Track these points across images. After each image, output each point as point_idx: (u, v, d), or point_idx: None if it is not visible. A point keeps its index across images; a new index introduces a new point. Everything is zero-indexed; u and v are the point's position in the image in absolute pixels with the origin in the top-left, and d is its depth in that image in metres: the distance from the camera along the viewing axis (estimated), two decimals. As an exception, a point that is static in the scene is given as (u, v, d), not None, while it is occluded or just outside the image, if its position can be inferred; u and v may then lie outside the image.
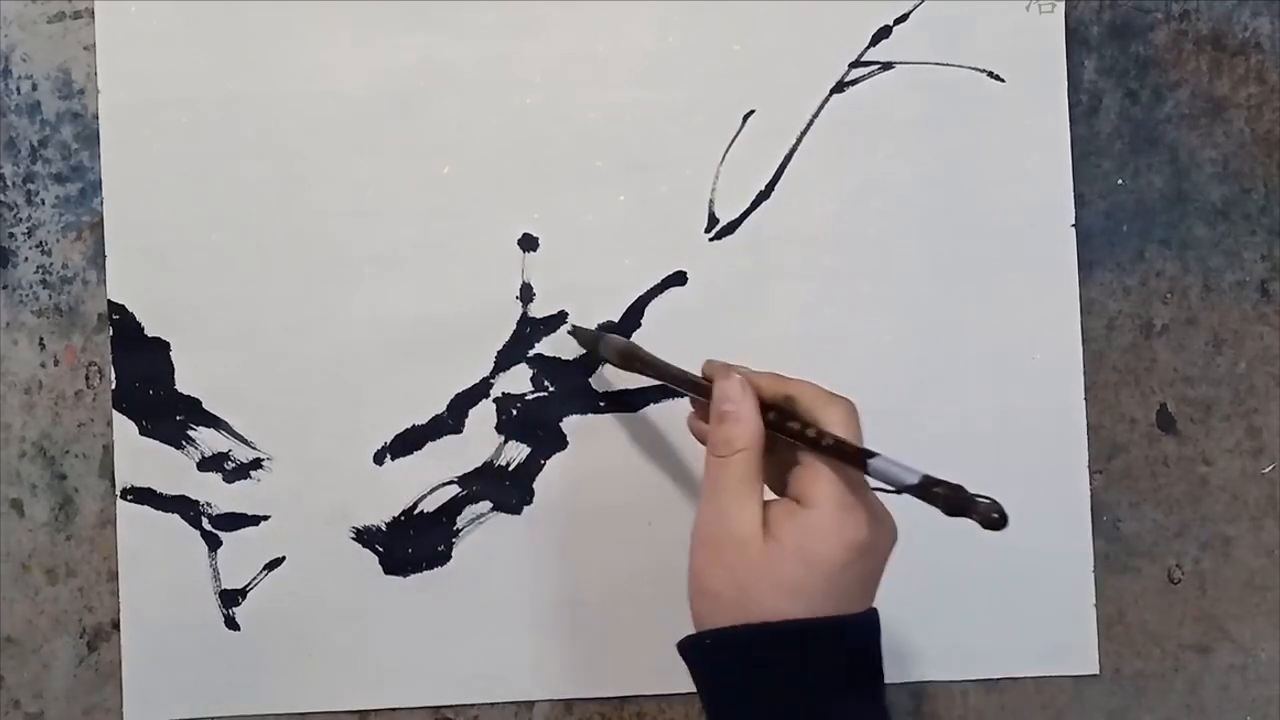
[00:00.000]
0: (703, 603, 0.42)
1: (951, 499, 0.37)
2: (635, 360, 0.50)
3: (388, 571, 0.55)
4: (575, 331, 0.55)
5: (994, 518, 0.36)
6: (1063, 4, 0.56)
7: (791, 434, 0.42)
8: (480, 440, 0.55)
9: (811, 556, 0.40)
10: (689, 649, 0.42)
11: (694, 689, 0.55)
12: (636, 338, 0.55)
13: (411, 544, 0.55)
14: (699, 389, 0.47)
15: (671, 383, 0.49)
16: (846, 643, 0.41)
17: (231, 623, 0.55)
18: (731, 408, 0.43)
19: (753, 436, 0.42)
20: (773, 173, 0.56)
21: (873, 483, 0.41)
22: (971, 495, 0.37)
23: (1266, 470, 0.56)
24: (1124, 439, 0.56)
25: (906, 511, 0.56)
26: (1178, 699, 0.56)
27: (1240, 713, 0.56)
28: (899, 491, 0.39)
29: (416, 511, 0.55)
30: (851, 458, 0.40)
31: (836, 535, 0.40)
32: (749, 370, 0.45)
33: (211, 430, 0.55)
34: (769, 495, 0.43)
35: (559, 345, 0.56)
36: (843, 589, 0.40)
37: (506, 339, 0.56)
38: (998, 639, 0.56)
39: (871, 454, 0.40)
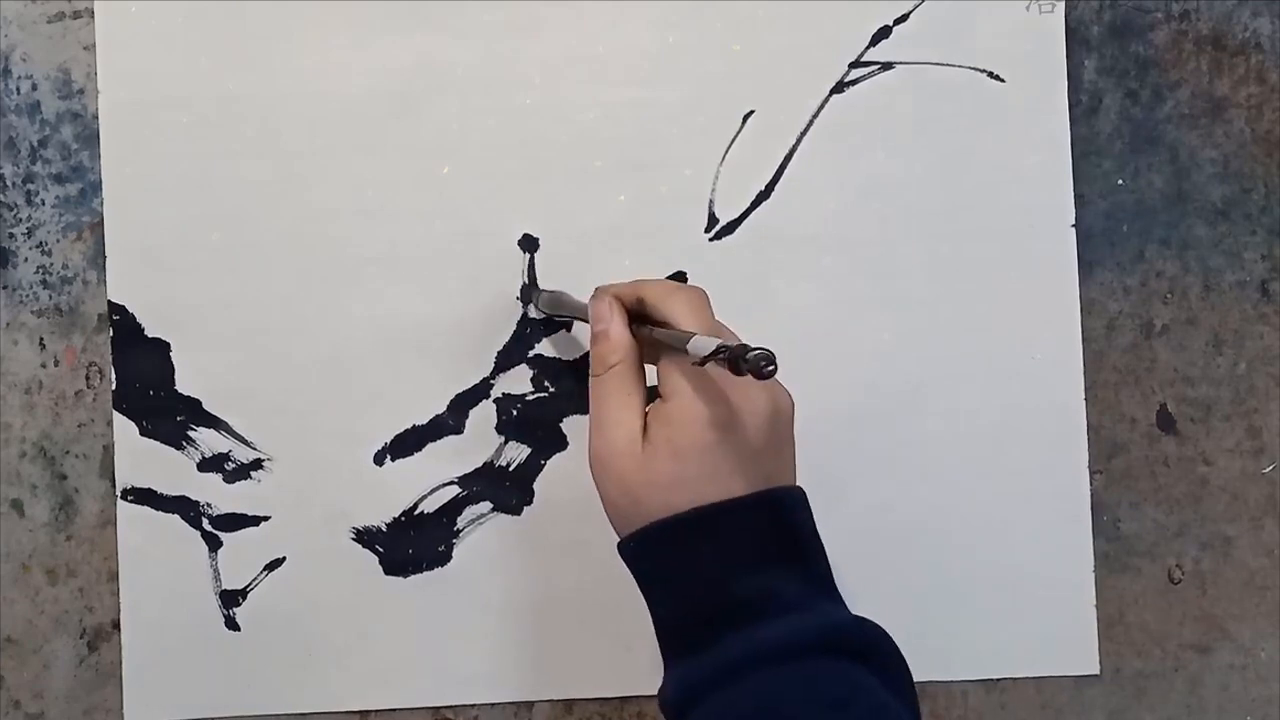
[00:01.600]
0: (609, 514, 0.43)
1: (730, 358, 0.37)
2: (559, 304, 0.52)
3: (388, 572, 0.55)
4: (528, 293, 0.55)
5: (765, 367, 0.36)
6: (1063, 4, 0.56)
7: (650, 335, 0.43)
8: (480, 441, 0.55)
9: (678, 447, 0.40)
10: (622, 553, 0.43)
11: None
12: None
13: (412, 544, 0.55)
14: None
15: (582, 318, 0.49)
16: (741, 520, 0.41)
17: (232, 623, 0.55)
18: (601, 326, 0.44)
19: (624, 351, 0.43)
20: (773, 173, 0.56)
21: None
22: (745, 350, 0.37)
23: (1266, 470, 0.56)
24: (1124, 439, 0.56)
25: (907, 512, 0.56)
26: (1178, 699, 0.56)
27: (1240, 713, 0.56)
28: (703, 363, 0.39)
29: (417, 512, 0.55)
30: (678, 343, 0.41)
31: (695, 419, 0.40)
32: (621, 284, 0.46)
33: (212, 431, 0.55)
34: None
35: (559, 346, 0.56)
36: (720, 472, 0.40)
37: (507, 339, 0.56)
38: (998, 639, 0.56)
39: (689, 336, 0.40)
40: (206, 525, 0.55)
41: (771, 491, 0.42)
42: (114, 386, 0.55)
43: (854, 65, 0.56)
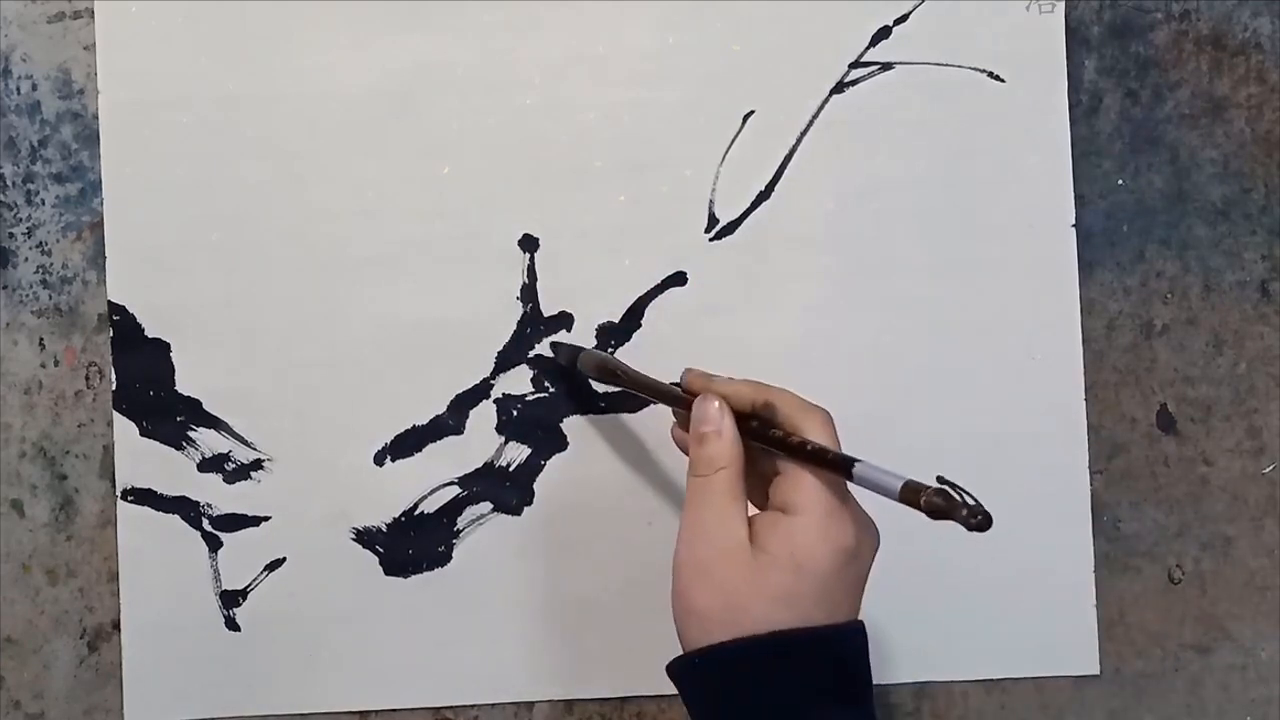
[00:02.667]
0: (691, 622, 0.41)
1: (935, 504, 0.37)
2: (613, 374, 0.51)
3: (388, 572, 0.55)
4: (555, 347, 0.55)
5: (977, 520, 0.37)
6: (1063, 4, 0.56)
7: (773, 442, 0.42)
8: (481, 441, 0.55)
9: (801, 563, 0.40)
10: (678, 670, 0.42)
11: (694, 689, 0.55)
12: (636, 338, 0.55)
13: (412, 545, 0.55)
14: (679, 401, 0.47)
15: (650, 395, 0.49)
16: (835, 652, 0.41)
17: (232, 623, 0.55)
18: (711, 428, 0.43)
19: (733, 454, 0.42)
20: (773, 173, 0.56)
21: (855, 489, 0.41)
22: (954, 498, 0.37)
23: (1267, 470, 0.56)
24: (1124, 439, 0.56)
25: (906, 511, 0.56)
26: (1178, 699, 0.56)
27: (1240, 713, 0.56)
28: (910, 501, 0.38)
29: (417, 512, 0.55)
30: (835, 464, 0.41)
31: (825, 540, 0.40)
32: (726, 380, 0.45)
33: (212, 431, 0.55)
34: (750, 510, 0.43)
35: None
36: (832, 595, 0.40)
37: (507, 339, 0.56)
38: (998, 639, 0.56)
39: (855, 460, 0.40)
40: (207, 525, 0.55)
41: (859, 624, 0.42)
42: (114, 387, 0.55)
43: (854, 65, 0.56)
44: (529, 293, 0.56)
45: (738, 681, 0.40)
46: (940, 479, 0.38)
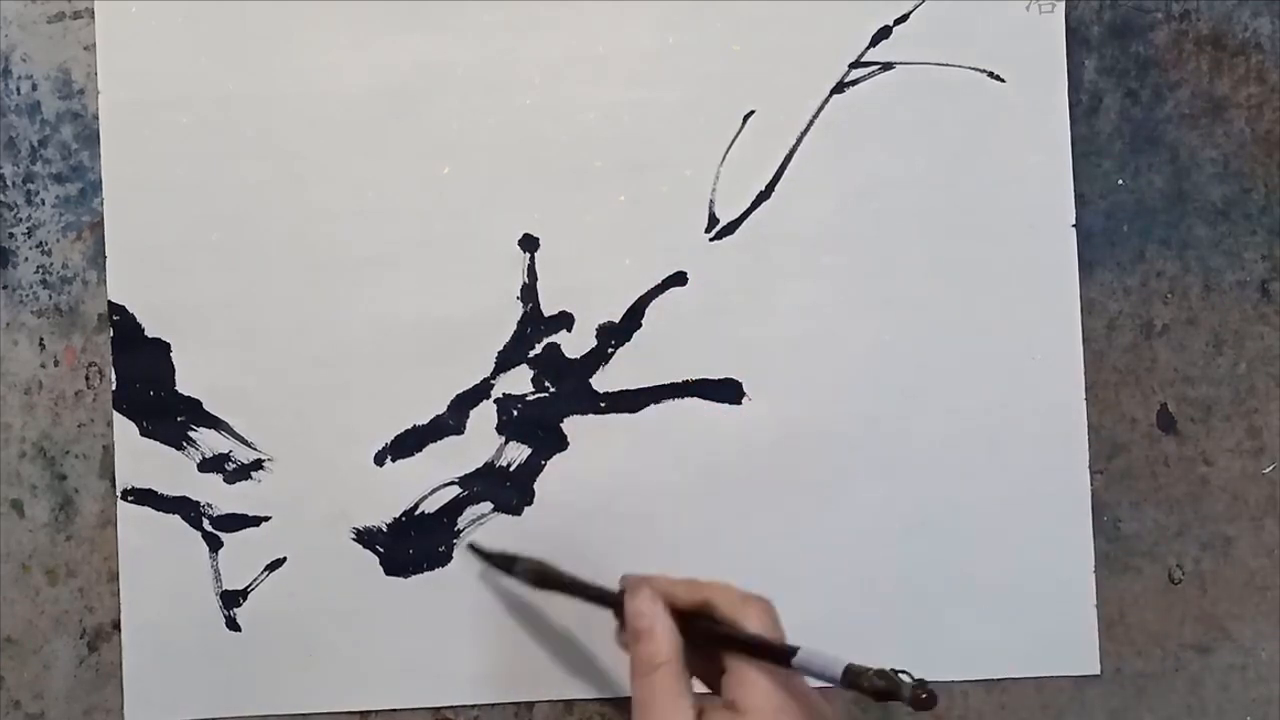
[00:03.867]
0: None
1: (877, 686, 0.38)
2: (549, 580, 0.51)
3: (388, 572, 0.55)
4: (475, 551, 0.55)
5: (924, 698, 0.37)
6: (1063, 4, 0.56)
7: (713, 638, 0.43)
8: (481, 441, 0.55)
9: None
10: None
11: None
12: (636, 338, 0.55)
13: (412, 545, 0.55)
14: (616, 603, 0.47)
15: (588, 600, 0.49)
16: None
17: (232, 623, 0.55)
18: (645, 624, 0.43)
19: (671, 650, 0.42)
20: (773, 173, 0.56)
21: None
22: (895, 679, 0.37)
23: (1267, 470, 0.56)
24: (1124, 439, 0.56)
25: (907, 512, 0.56)
26: (1178, 699, 0.56)
27: (1240, 713, 0.56)
28: (851, 686, 0.39)
29: (417, 512, 0.55)
30: (775, 655, 0.41)
31: None
32: (662, 579, 0.45)
33: (212, 431, 0.55)
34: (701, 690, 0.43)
35: (560, 346, 0.56)
36: None
37: (507, 339, 0.56)
38: (998, 639, 0.56)
39: (793, 650, 0.40)
40: (207, 525, 0.55)
41: None
42: (114, 387, 0.55)
43: (854, 65, 0.56)
44: (529, 293, 0.56)
45: None
46: (879, 670, 0.38)
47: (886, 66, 0.56)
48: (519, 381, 0.56)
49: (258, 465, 0.55)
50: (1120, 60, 0.57)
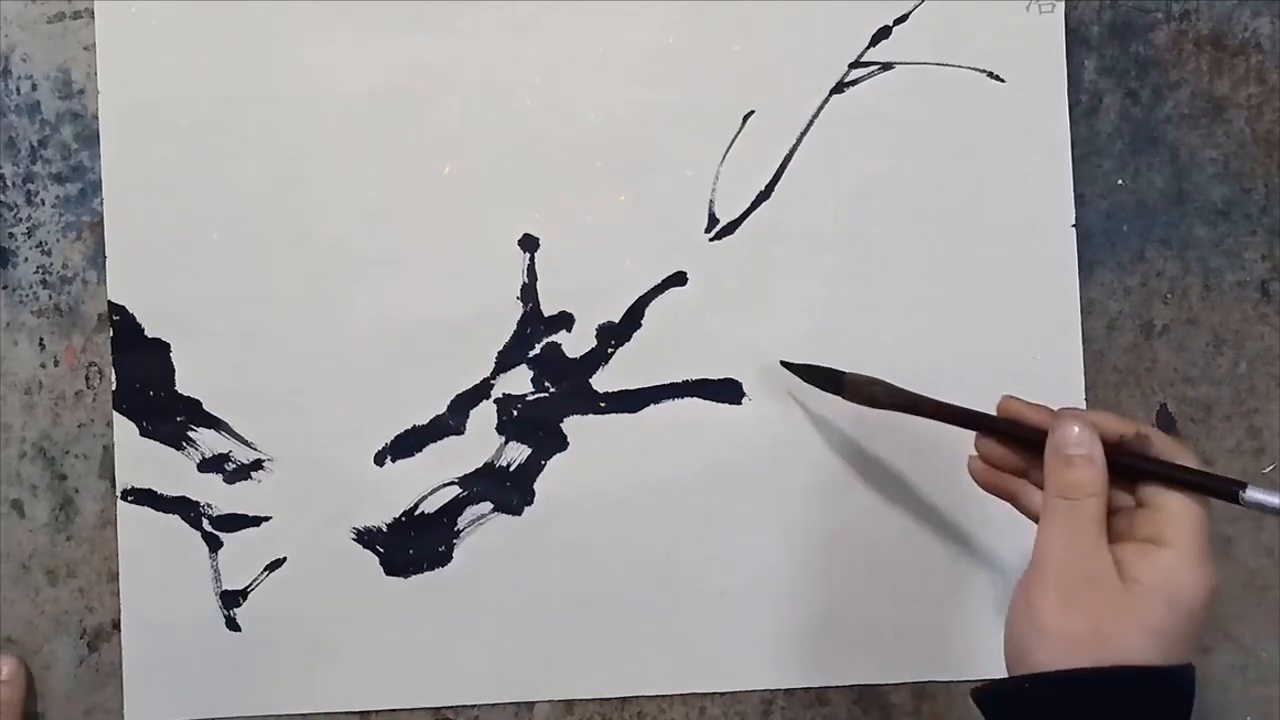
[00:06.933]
0: (1046, 644, 0.41)
1: None
2: (897, 403, 0.50)
3: (389, 572, 0.55)
4: (791, 367, 0.54)
5: None
6: (1063, 4, 0.56)
7: (1149, 474, 0.42)
8: (481, 441, 0.55)
9: (1175, 598, 0.40)
10: (1002, 695, 0.42)
11: (693, 689, 0.55)
12: (636, 338, 0.55)
13: (412, 545, 0.55)
14: (995, 428, 0.46)
15: (954, 422, 0.48)
16: (1187, 692, 0.40)
17: (232, 624, 0.55)
18: (1082, 451, 0.42)
19: (1102, 483, 0.42)
20: (773, 173, 0.56)
21: None
22: None
23: (1267, 470, 0.56)
24: (1260, 485, 0.56)
25: (907, 512, 0.56)
26: (1178, 699, 0.56)
27: (1240, 713, 0.56)
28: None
29: (417, 512, 0.55)
30: (1220, 491, 0.41)
31: (1200, 577, 0.40)
32: (1092, 414, 0.44)
33: (212, 431, 0.55)
34: None
35: (560, 346, 0.56)
36: (1196, 633, 0.40)
37: (507, 339, 0.56)
38: (999, 639, 0.55)
39: (1243, 484, 0.40)
40: (207, 526, 0.55)
41: (1193, 669, 0.41)
42: (114, 387, 0.55)
43: (854, 65, 0.56)
44: (529, 293, 0.56)
45: (1087, 713, 0.40)
46: None
47: (886, 66, 0.56)
48: (519, 381, 0.56)
49: (258, 465, 0.55)
50: (1120, 60, 0.57)
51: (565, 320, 0.55)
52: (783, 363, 0.54)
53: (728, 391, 0.55)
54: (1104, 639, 0.40)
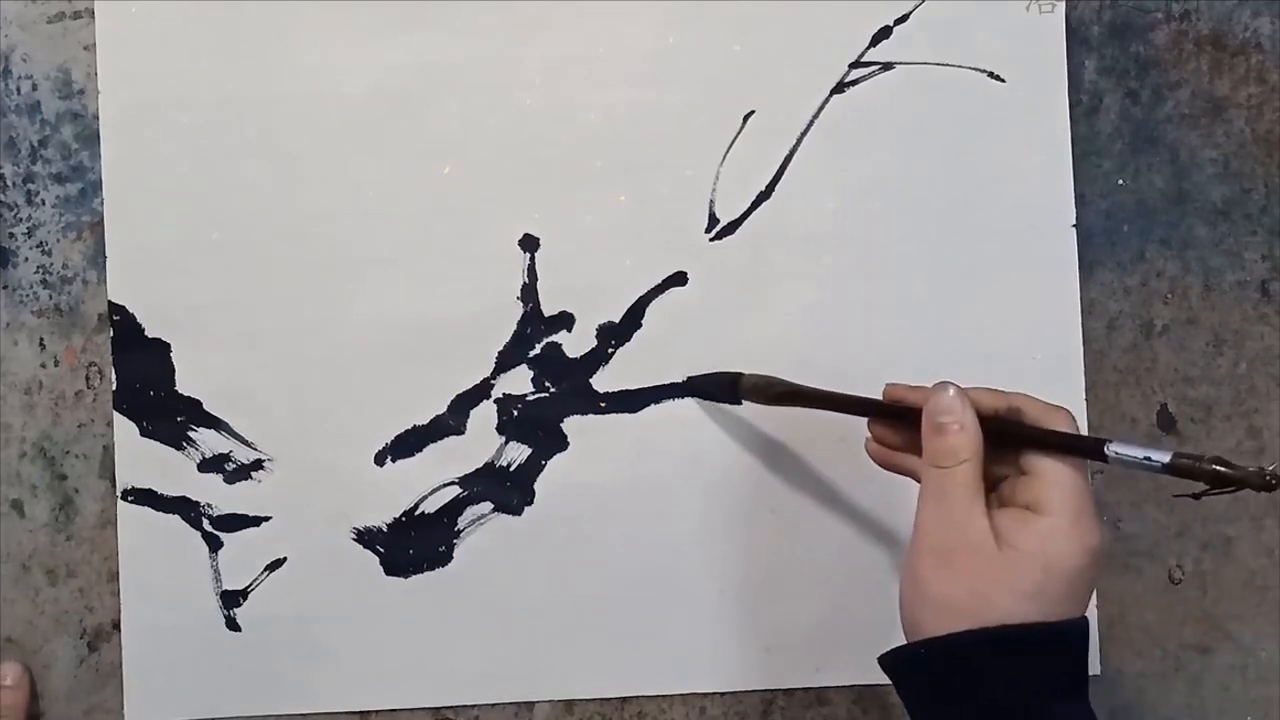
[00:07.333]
0: (927, 610, 0.42)
1: (1218, 472, 0.36)
2: (787, 396, 0.51)
3: (389, 572, 0.55)
4: (707, 378, 0.55)
5: (1266, 480, 0.35)
6: (1063, 4, 0.56)
7: (1021, 440, 0.43)
8: (481, 441, 0.55)
9: (1052, 562, 0.40)
10: (905, 658, 0.43)
11: (693, 689, 0.55)
12: (637, 338, 0.55)
13: (412, 545, 0.55)
14: (875, 409, 0.47)
15: (842, 410, 0.48)
16: (1074, 647, 0.41)
17: (232, 624, 0.55)
18: (952, 418, 0.43)
19: (976, 447, 0.42)
20: (773, 173, 0.56)
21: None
22: (1231, 464, 0.36)
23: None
24: (1125, 439, 0.56)
25: (908, 512, 0.56)
26: (1178, 699, 0.56)
27: (1240, 713, 0.56)
28: (1150, 471, 0.38)
29: (417, 512, 0.55)
30: (1087, 449, 0.41)
31: (1077, 541, 0.41)
32: (971, 388, 0.45)
33: (212, 431, 0.55)
34: None
35: (560, 346, 0.56)
36: (1076, 593, 0.41)
37: (507, 339, 0.56)
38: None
39: (1105, 440, 0.40)
40: (207, 526, 0.55)
41: (1086, 620, 0.42)
42: (114, 387, 0.55)
43: (854, 65, 0.56)
44: (529, 292, 0.56)
45: (976, 671, 0.41)
46: (1214, 456, 0.38)
47: (886, 66, 0.56)
48: (519, 381, 0.56)
49: (258, 465, 0.55)
50: (1120, 60, 0.57)
51: (565, 320, 0.55)
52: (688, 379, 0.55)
53: (728, 392, 0.55)
54: (983, 602, 0.40)
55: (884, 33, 0.56)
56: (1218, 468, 0.37)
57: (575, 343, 0.56)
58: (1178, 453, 0.38)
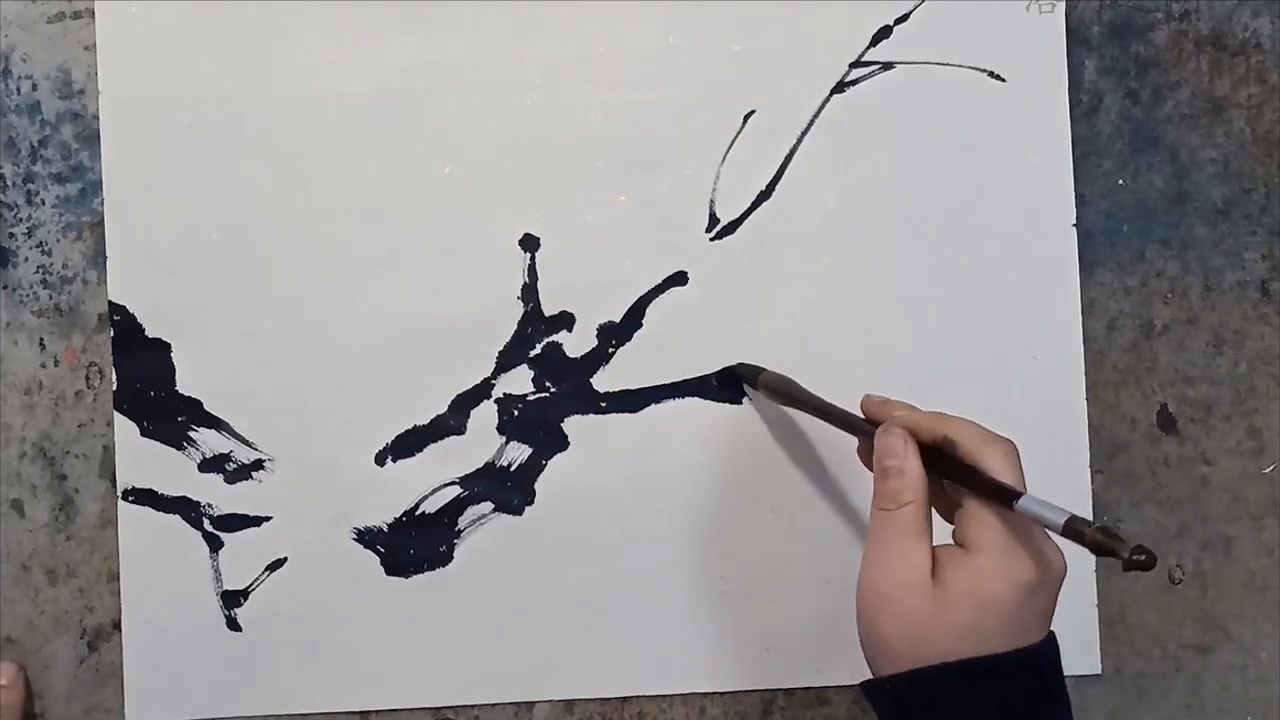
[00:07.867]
0: (875, 649, 0.42)
1: (1098, 540, 0.37)
2: (790, 397, 0.52)
3: (389, 572, 0.55)
4: (738, 368, 0.55)
5: (1140, 560, 0.36)
6: (1063, 4, 0.56)
7: (948, 476, 0.43)
8: (482, 441, 0.55)
9: (983, 600, 0.40)
10: (872, 692, 0.43)
11: (693, 689, 0.56)
12: (637, 338, 0.55)
13: (413, 545, 0.55)
14: (857, 429, 0.47)
15: (828, 420, 0.49)
16: (1025, 673, 0.41)
17: (233, 624, 0.55)
18: (895, 462, 0.43)
19: (918, 490, 0.43)
20: (773, 173, 0.56)
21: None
22: (1117, 536, 0.37)
23: (1267, 470, 0.56)
24: (1125, 439, 0.56)
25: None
26: (1178, 699, 0.56)
27: (1240, 713, 0.56)
28: (1071, 535, 0.39)
29: (418, 512, 0.55)
30: (1000, 496, 0.41)
31: (1005, 578, 0.41)
32: (907, 409, 0.45)
33: (212, 431, 0.55)
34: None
35: (560, 346, 0.56)
36: (1015, 627, 0.41)
37: (508, 339, 0.56)
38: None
39: (1018, 494, 0.40)
40: (207, 526, 0.55)
41: (1050, 643, 0.42)
42: (114, 387, 0.55)
43: (854, 65, 0.56)
44: (530, 292, 0.56)
45: (929, 708, 0.41)
46: (1102, 525, 0.38)
47: (887, 66, 0.56)
48: (519, 381, 0.56)
49: (258, 465, 0.55)
50: (1120, 60, 0.57)
51: (566, 320, 0.55)
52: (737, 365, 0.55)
53: (728, 391, 0.55)
54: (920, 643, 0.41)
55: (884, 32, 0.56)
56: (1098, 537, 0.37)
57: (576, 342, 0.56)
58: (1072, 517, 0.38)
